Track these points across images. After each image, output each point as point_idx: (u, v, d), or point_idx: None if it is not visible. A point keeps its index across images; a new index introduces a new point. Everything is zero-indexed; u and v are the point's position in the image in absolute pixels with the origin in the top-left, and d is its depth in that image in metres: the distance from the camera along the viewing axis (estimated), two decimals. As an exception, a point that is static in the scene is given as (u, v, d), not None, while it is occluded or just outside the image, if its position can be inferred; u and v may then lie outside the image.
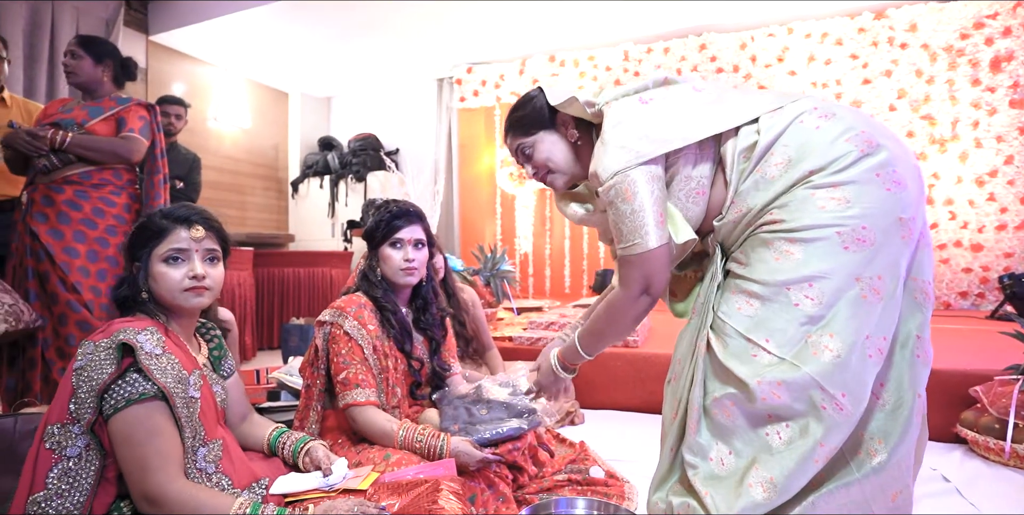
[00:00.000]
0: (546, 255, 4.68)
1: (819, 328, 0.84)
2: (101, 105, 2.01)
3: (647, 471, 1.55)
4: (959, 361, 1.91)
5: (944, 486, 1.48)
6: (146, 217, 1.03)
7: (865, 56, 3.62)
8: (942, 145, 3.50)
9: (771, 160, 0.91)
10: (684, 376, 0.99)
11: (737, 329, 0.90)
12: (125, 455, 0.86)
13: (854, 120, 0.90)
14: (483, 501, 1.25)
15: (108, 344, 0.87)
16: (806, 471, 0.84)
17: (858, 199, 0.85)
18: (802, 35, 3.74)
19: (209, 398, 1.00)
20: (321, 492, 1.03)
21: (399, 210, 1.42)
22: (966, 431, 1.71)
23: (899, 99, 3.57)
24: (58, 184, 1.91)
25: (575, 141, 1.09)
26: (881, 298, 0.84)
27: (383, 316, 1.38)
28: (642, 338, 2.39)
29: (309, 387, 1.39)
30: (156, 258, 0.98)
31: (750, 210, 0.92)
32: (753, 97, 0.99)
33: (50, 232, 1.87)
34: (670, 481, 1.02)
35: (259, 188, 4.90)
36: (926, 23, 3.48)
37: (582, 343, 1.14)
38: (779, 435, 0.85)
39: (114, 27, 3.65)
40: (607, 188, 0.94)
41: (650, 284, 0.96)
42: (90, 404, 0.85)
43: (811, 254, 0.85)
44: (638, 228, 0.92)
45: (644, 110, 0.98)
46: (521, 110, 1.12)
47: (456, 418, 1.41)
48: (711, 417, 0.93)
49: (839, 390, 0.82)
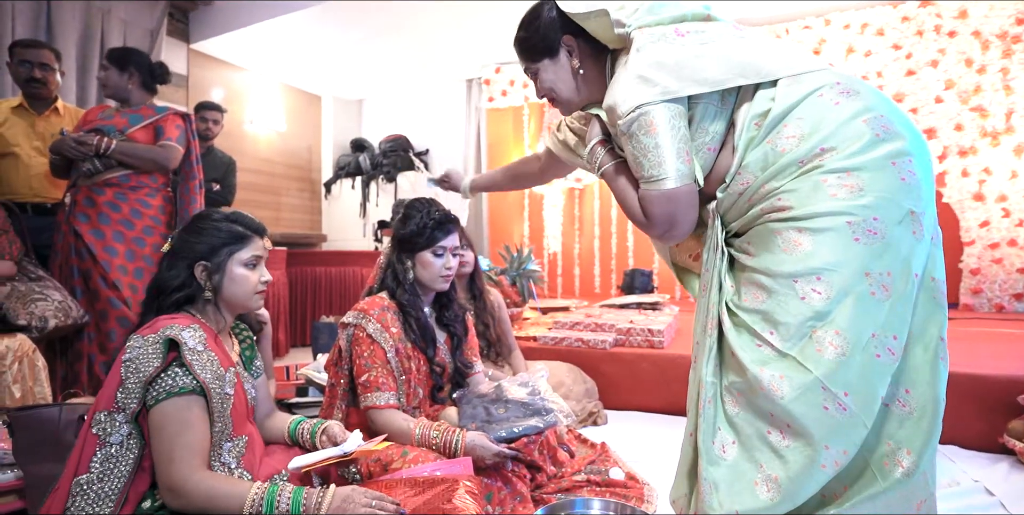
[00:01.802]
0: (575, 254, 4.65)
1: (825, 324, 0.80)
2: (140, 113, 2.11)
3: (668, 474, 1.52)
4: (1008, 367, 1.80)
5: (988, 499, 1.40)
6: (216, 222, 1.07)
7: (909, 46, 3.45)
8: (995, 138, 3.30)
9: (783, 132, 0.86)
10: (701, 357, 0.95)
11: (745, 321, 0.86)
12: (157, 445, 0.91)
13: (875, 101, 0.84)
14: (500, 499, 1.25)
15: (155, 339, 0.93)
16: (813, 476, 0.80)
17: (872, 187, 0.80)
18: (840, 26, 3.59)
19: (241, 395, 1.05)
20: (337, 458, 1.08)
21: (442, 216, 1.42)
22: (1014, 442, 1.61)
23: (946, 90, 3.39)
24: (99, 186, 2.02)
25: (578, 69, 1.03)
26: (890, 295, 0.80)
27: (406, 319, 1.39)
28: (668, 339, 2.35)
29: (333, 386, 1.42)
30: (237, 262, 1.06)
31: (756, 185, 0.88)
32: (781, 54, 0.91)
33: (92, 232, 1.98)
34: (693, 474, 0.96)
35: (293, 189, 5.04)
36: (978, 9, 3.29)
37: (606, 169, 1.01)
38: (781, 434, 0.82)
39: (158, 37, 3.81)
40: (628, 121, 0.88)
41: (674, 223, 0.91)
42: (136, 394, 0.91)
43: (820, 245, 0.81)
44: (660, 163, 0.87)
45: (679, 43, 0.89)
46: (524, 31, 1.06)
47: (474, 417, 1.42)
48: (725, 402, 0.89)
49: (841, 389, 0.78)
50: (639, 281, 3.75)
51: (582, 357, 2.31)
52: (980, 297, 3.36)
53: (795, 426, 0.80)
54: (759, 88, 0.89)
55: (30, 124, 2.22)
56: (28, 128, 2.22)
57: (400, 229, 1.43)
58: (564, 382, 2.10)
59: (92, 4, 3.42)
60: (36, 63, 2.20)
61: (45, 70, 2.22)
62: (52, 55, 2.25)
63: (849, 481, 0.84)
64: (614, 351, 2.29)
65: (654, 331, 2.29)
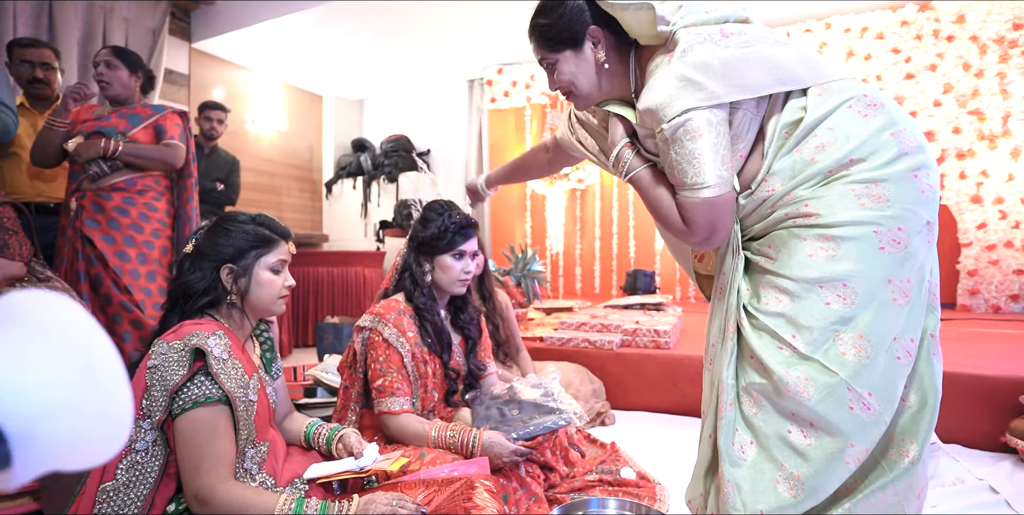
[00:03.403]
0: (576, 255, 4.66)
1: (848, 328, 0.83)
2: (138, 113, 2.10)
3: (678, 473, 1.55)
4: (1009, 367, 1.83)
5: (992, 497, 1.43)
6: (243, 224, 1.06)
7: (908, 50, 3.49)
8: (992, 141, 3.35)
9: (813, 141, 0.87)
10: (718, 359, 0.97)
11: (767, 324, 0.88)
12: (184, 454, 0.90)
13: (898, 114, 0.87)
14: (515, 500, 1.26)
15: (181, 346, 0.92)
16: (836, 472, 0.83)
17: (897, 198, 0.83)
18: (841, 30, 3.62)
19: (264, 401, 1.05)
20: (352, 473, 1.07)
21: (463, 220, 1.42)
22: (1016, 440, 1.64)
23: (944, 94, 3.43)
24: (106, 191, 2.02)
25: (603, 63, 0.97)
26: (909, 301, 0.83)
27: (422, 323, 1.40)
28: (674, 340, 2.37)
29: (347, 388, 1.43)
30: (263, 266, 1.05)
31: (782, 192, 0.89)
32: (811, 61, 0.91)
33: (103, 237, 1.98)
34: (711, 474, 0.99)
35: (294, 189, 5.03)
36: (975, 14, 3.33)
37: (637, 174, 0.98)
38: (803, 433, 0.84)
39: (160, 36, 3.81)
40: (674, 126, 0.85)
41: (715, 231, 0.89)
42: (162, 402, 0.90)
43: (847, 252, 0.83)
44: (704, 170, 0.85)
45: (724, 45, 0.87)
46: (547, 16, 0.97)
47: (488, 418, 1.43)
48: (742, 403, 0.91)
49: (866, 389, 0.81)
50: (641, 282, 3.77)
51: (589, 357, 2.33)
52: (977, 298, 3.41)
53: (821, 425, 0.83)
54: (789, 96, 0.90)
55: (32, 124, 2.21)
56: (30, 128, 2.20)
57: (420, 232, 1.43)
58: (572, 382, 2.12)
59: (94, 3, 3.41)
60: (38, 63, 2.19)
61: (47, 69, 2.21)
62: (52, 54, 2.24)
63: (861, 475, 0.88)
64: (620, 352, 2.31)
65: (660, 332, 2.31)
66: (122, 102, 2.12)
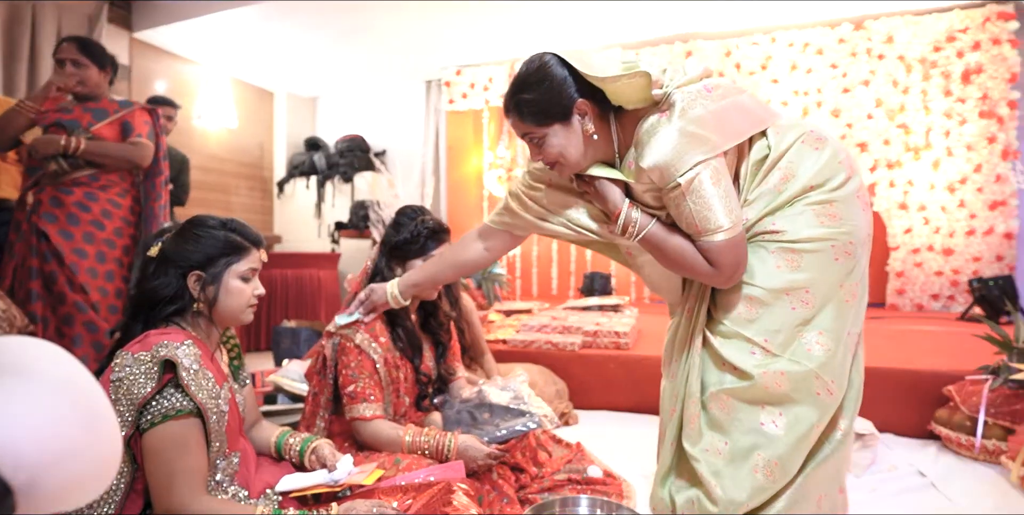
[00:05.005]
0: (533, 257, 4.72)
1: (810, 327, 0.97)
2: (103, 107, 1.99)
3: (643, 470, 1.61)
4: (934, 362, 2.00)
5: (921, 481, 1.57)
6: (213, 230, 1.01)
7: (844, 66, 3.74)
8: (916, 153, 3.64)
9: (777, 174, 0.98)
10: (681, 373, 1.06)
11: (738, 330, 0.99)
12: (154, 470, 0.87)
13: (839, 145, 1.02)
14: (489, 502, 1.28)
15: (149, 358, 0.87)
16: (802, 451, 0.98)
17: (847, 217, 0.97)
18: (785, 44, 3.84)
19: (235, 410, 1.02)
20: (326, 487, 1.06)
21: (436, 225, 1.42)
22: (940, 428, 1.80)
23: (876, 107, 3.70)
24: (67, 186, 1.90)
25: (592, 134, 0.98)
26: (856, 300, 1.00)
27: (394, 329, 1.40)
28: (633, 340, 2.45)
29: (316, 395, 1.40)
30: (233, 274, 1.01)
31: (755, 219, 0.99)
32: (762, 103, 1.05)
33: (60, 233, 1.87)
34: (672, 476, 1.09)
35: (244, 188, 4.85)
36: (902, 35, 3.61)
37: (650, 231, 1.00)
38: (774, 423, 0.97)
39: (97, 24, 3.58)
40: (689, 178, 0.90)
41: (740, 265, 0.95)
42: (128, 418, 0.86)
43: (809, 263, 0.96)
44: (723, 213, 0.91)
45: (712, 99, 0.94)
46: (532, 91, 0.97)
47: (459, 422, 1.45)
48: (708, 411, 1.02)
49: (830, 377, 0.96)
50: (598, 283, 3.87)
51: (551, 359, 2.37)
52: (904, 297, 3.69)
53: (792, 412, 0.96)
54: (753, 137, 1.00)
55: None
56: None
57: (392, 236, 1.42)
58: (536, 384, 2.16)
59: (22, -16, 3.17)
60: None
61: None
62: None
63: (809, 451, 1.01)
64: (582, 353, 2.37)
65: (620, 333, 2.38)
66: (89, 98, 2.01)
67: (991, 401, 1.68)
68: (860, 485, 1.53)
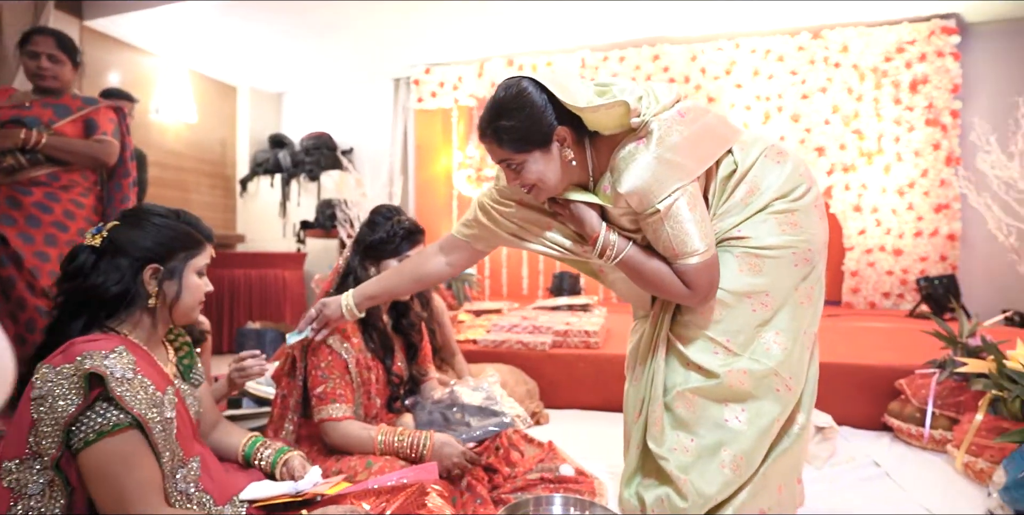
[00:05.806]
0: (503, 257, 4.73)
1: (769, 327, 1.02)
2: (66, 104, 1.89)
3: (614, 467, 1.63)
4: (886, 357, 2.10)
5: (876, 471, 1.64)
6: (166, 219, 0.95)
7: (803, 73, 3.88)
8: (869, 158, 3.81)
9: (743, 188, 1.04)
10: (646, 376, 1.09)
11: (703, 331, 1.03)
12: (100, 490, 0.79)
13: (798, 159, 1.07)
14: (462, 503, 1.28)
15: (72, 371, 0.78)
16: (764, 444, 1.03)
17: (807, 225, 1.03)
18: (748, 50, 3.96)
19: (184, 415, 0.96)
20: (289, 497, 1.03)
21: (412, 226, 1.42)
22: (893, 420, 1.89)
23: (833, 114, 3.85)
24: (24, 186, 1.80)
25: (571, 160, 1.00)
26: (812, 302, 1.05)
27: (366, 329, 1.38)
28: (602, 339, 2.49)
29: (285, 397, 1.37)
30: (191, 269, 0.96)
31: (724, 230, 1.04)
32: (727, 120, 1.10)
33: (19, 236, 1.76)
34: (639, 477, 1.13)
35: (205, 185, 4.69)
36: (856, 45, 3.77)
37: (628, 254, 1.02)
38: (738, 418, 1.01)
39: (44, 10, 3.39)
40: (668, 203, 0.93)
41: (713, 287, 0.99)
42: (54, 439, 0.77)
43: (770, 268, 1.02)
44: (699, 236, 0.94)
45: (686, 124, 0.97)
46: (511, 118, 0.96)
47: (432, 422, 1.44)
48: (673, 411, 1.05)
49: (788, 374, 1.02)
50: (567, 283, 3.91)
51: (522, 359, 2.38)
52: (858, 296, 3.86)
53: (755, 408, 1.01)
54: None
55: None
56: None
57: (367, 235, 1.41)
58: (507, 383, 2.16)
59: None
60: None
61: None
62: None
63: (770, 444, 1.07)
64: (552, 352, 2.39)
65: (590, 332, 2.41)
66: (50, 92, 1.89)
67: (938, 393, 1.78)
68: (821, 477, 1.59)
